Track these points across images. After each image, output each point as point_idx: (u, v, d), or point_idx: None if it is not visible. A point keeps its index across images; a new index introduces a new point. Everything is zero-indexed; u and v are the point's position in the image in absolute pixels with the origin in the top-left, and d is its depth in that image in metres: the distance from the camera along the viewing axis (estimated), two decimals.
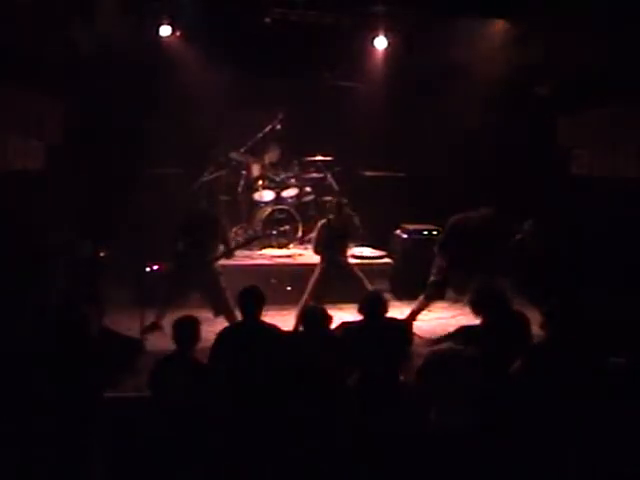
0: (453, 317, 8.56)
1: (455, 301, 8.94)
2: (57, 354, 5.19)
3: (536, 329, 5.79)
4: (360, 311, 5.89)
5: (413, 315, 7.91)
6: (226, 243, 7.95)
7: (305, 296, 7.86)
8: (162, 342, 6.90)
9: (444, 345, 5.56)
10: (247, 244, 8.64)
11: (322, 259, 8.11)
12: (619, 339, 5.37)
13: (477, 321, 5.91)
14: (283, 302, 8.68)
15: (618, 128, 8.28)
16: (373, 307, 5.83)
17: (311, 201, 10.69)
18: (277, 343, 5.52)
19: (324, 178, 10.77)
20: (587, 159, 8.82)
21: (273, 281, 9.04)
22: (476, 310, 5.86)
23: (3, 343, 5.34)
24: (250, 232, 9.92)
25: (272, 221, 10.13)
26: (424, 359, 5.52)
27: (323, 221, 8.19)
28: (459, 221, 7.87)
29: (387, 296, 6.30)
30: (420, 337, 7.48)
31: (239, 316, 5.93)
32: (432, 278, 7.96)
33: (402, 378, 5.73)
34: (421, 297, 7.99)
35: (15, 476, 4.99)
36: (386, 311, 5.89)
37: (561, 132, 9.27)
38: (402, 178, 11.10)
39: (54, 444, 5.04)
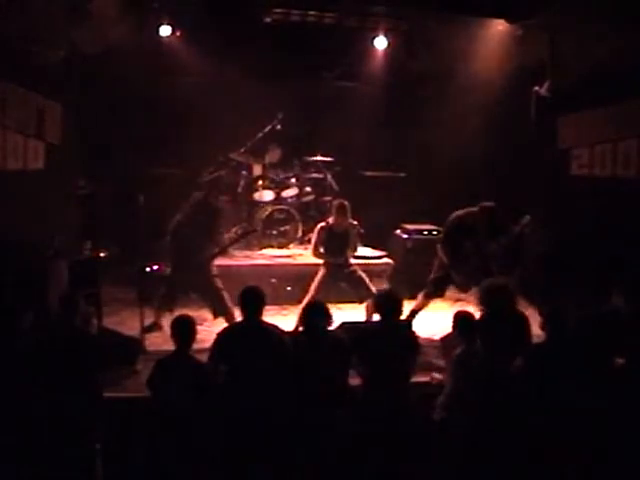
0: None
1: (456, 301, 8.95)
2: (57, 354, 5.19)
3: (536, 329, 5.80)
4: (378, 310, 5.86)
5: (413, 314, 7.90)
6: (219, 242, 7.90)
7: (308, 299, 7.83)
8: (162, 342, 6.91)
9: (463, 346, 5.54)
10: (239, 240, 8.61)
11: (324, 262, 8.08)
12: (619, 339, 5.36)
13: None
14: (283, 302, 8.70)
15: (618, 128, 8.27)
16: (392, 306, 5.81)
17: (311, 201, 10.69)
18: (277, 343, 5.52)
19: (324, 178, 10.77)
20: (587, 159, 8.81)
21: (273, 281, 9.04)
22: (480, 302, 5.91)
23: (3, 343, 5.32)
24: (243, 225, 9.92)
25: (272, 221, 10.13)
26: (451, 361, 5.50)
27: (322, 224, 8.14)
28: (460, 217, 7.86)
29: None
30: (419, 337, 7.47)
31: (238, 316, 5.92)
32: (432, 275, 7.97)
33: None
34: (421, 295, 7.99)
35: (16, 476, 4.99)
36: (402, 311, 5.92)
37: (561, 132, 9.27)
38: (402, 178, 11.11)
39: (54, 444, 5.05)
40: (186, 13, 9.61)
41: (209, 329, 6.85)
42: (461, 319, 5.62)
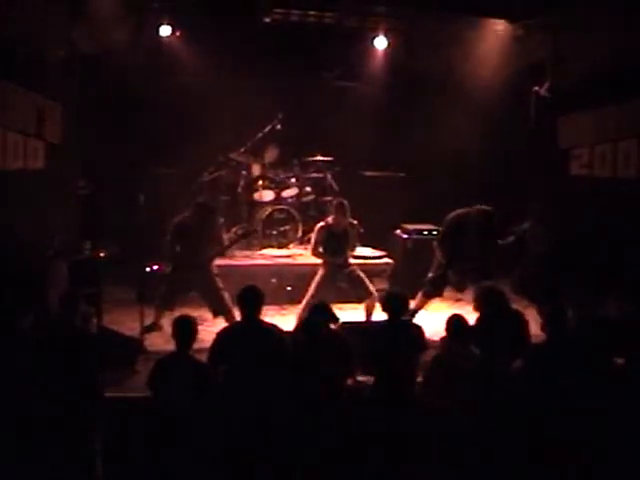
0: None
1: (456, 301, 8.95)
2: (57, 354, 5.19)
3: (536, 329, 5.80)
4: (385, 309, 5.86)
5: (412, 313, 7.89)
6: (219, 242, 7.90)
7: (307, 298, 7.83)
8: (162, 342, 6.92)
9: (447, 347, 5.56)
10: (239, 240, 8.60)
11: (324, 261, 8.06)
12: (619, 339, 5.36)
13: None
14: (283, 302, 8.70)
15: (618, 128, 8.28)
16: (398, 306, 5.82)
17: (311, 201, 10.68)
18: (277, 343, 5.52)
19: (324, 178, 10.77)
20: (587, 159, 8.81)
21: (273, 281, 9.04)
22: (476, 306, 5.93)
23: (3, 343, 5.32)
24: (244, 225, 9.91)
25: (272, 221, 10.13)
26: (430, 364, 5.52)
27: (322, 224, 8.12)
28: (459, 216, 7.87)
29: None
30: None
31: (238, 316, 5.92)
32: (431, 274, 7.98)
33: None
34: (420, 294, 8.00)
35: (16, 476, 4.99)
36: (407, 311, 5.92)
37: (561, 132, 9.27)
38: (402, 178, 11.11)
39: (54, 444, 5.05)
40: (186, 13, 9.60)
41: (209, 329, 6.84)
42: (450, 322, 5.63)
